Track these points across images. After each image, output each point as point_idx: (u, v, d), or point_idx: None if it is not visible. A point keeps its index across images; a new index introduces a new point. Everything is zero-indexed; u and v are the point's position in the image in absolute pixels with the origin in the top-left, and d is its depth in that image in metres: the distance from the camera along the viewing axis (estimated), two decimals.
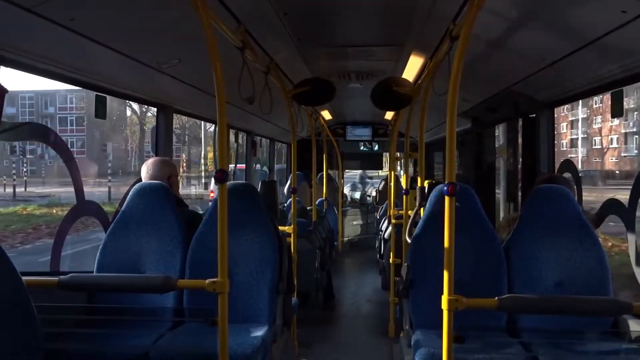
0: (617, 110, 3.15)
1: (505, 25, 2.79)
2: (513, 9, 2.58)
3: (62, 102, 43.07)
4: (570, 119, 45.13)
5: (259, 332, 2.73)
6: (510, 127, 4.52)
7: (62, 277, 2.25)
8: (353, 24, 3.56)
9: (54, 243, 3.47)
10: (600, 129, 42.49)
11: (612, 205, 3.55)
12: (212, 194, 17.07)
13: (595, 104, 41.69)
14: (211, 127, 32.00)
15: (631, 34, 2.30)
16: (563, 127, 44.99)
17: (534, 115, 4.12)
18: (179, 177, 3.45)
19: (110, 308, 2.76)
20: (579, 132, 44.32)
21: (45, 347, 1.85)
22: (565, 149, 43.54)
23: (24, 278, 1.82)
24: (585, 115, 43.96)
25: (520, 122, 4.44)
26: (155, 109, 4.03)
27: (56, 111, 43.04)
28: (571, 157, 39.53)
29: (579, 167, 37.84)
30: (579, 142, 44.07)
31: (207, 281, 2.16)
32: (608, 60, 2.74)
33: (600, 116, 41.78)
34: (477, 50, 3.26)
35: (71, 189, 3.55)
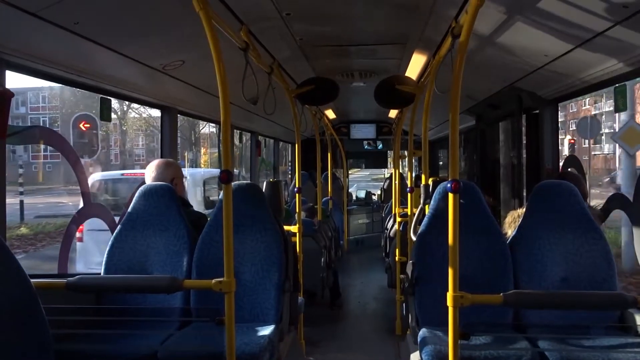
0: (621, 105, 3.15)
1: (507, 22, 2.78)
2: (514, 6, 2.58)
3: (35, 101, 38.38)
4: (593, 112, 42.13)
5: (266, 331, 2.74)
6: (514, 124, 4.51)
7: (69, 279, 2.26)
8: (356, 23, 3.57)
9: (61, 245, 3.50)
10: None
11: (617, 200, 3.54)
12: None
13: None
14: (204, 129, 31.59)
15: (633, 29, 2.30)
16: None
17: (538, 111, 4.12)
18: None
19: (118, 309, 2.78)
20: (605, 126, 40.40)
21: (55, 347, 1.87)
22: (586, 145, 41.35)
23: (32, 280, 1.84)
24: (611, 108, 41.55)
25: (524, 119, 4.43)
26: (140, 109, 4.05)
27: (27, 111, 38.31)
28: (595, 155, 38.57)
29: (617, 164, 36.69)
30: (604, 138, 40.58)
31: (213, 281, 2.17)
32: (611, 55, 2.74)
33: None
34: (479, 48, 3.26)
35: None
